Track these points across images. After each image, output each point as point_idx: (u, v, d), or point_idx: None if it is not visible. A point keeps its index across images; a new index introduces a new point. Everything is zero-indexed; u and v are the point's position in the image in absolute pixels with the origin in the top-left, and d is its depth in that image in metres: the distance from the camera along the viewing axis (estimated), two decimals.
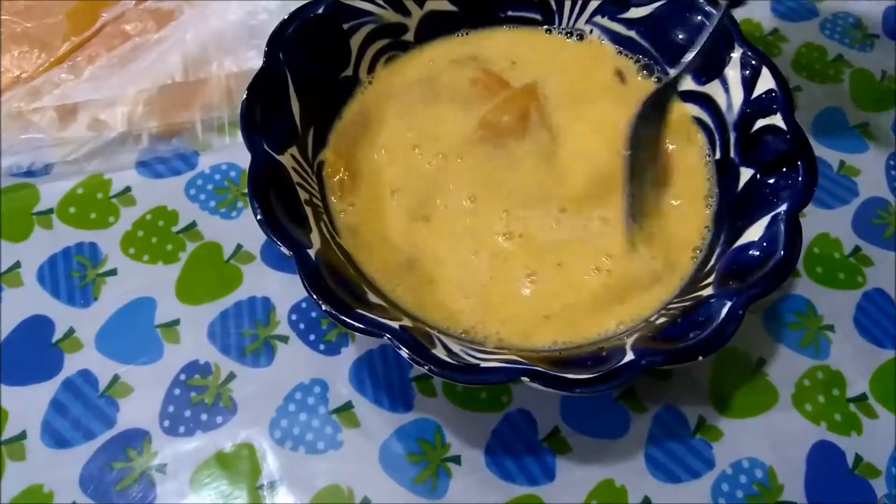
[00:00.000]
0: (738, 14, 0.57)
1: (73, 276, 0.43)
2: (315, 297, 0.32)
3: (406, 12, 0.44)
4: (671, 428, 0.40)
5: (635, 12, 0.44)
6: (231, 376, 0.41)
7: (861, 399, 0.41)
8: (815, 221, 0.47)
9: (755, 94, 0.40)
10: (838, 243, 0.46)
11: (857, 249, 0.46)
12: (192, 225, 0.45)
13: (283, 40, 0.40)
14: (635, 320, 0.37)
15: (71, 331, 0.42)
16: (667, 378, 0.41)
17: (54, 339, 0.41)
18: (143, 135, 0.47)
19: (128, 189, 0.47)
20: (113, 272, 0.44)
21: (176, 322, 0.42)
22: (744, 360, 0.42)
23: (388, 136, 0.43)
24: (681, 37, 0.43)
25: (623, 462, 0.39)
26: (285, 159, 0.38)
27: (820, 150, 0.50)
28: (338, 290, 0.33)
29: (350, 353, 0.42)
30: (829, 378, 0.42)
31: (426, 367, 0.31)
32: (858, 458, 0.39)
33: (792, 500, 0.38)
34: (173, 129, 0.48)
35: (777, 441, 0.40)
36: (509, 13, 0.46)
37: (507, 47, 0.46)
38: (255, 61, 0.49)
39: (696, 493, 0.38)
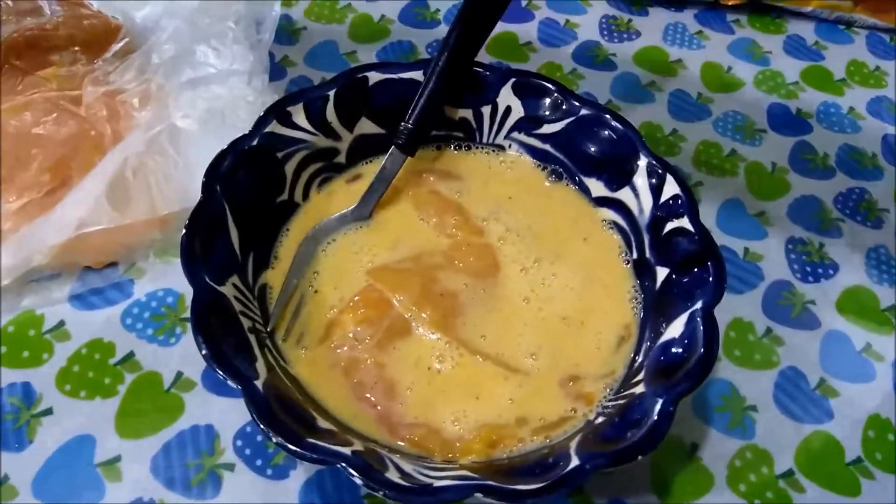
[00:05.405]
0: (640, 116, 0.62)
1: (5, 419, 0.42)
2: (264, 429, 0.33)
3: (337, 137, 0.47)
4: None
5: (548, 128, 0.47)
6: None
7: (789, 475, 0.44)
8: (729, 306, 0.50)
9: (662, 199, 0.43)
10: (751, 326, 0.50)
11: (768, 331, 0.50)
12: (130, 355, 0.45)
13: (220, 173, 0.41)
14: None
15: (5, 478, 0.40)
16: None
17: None
18: (74, 268, 0.47)
19: (62, 323, 0.46)
20: (48, 412, 0.42)
21: (117, 459, 0.41)
22: (678, 445, 0.44)
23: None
24: (592, 149, 0.47)
25: None
26: (227, 289, 0.38)
27: (726, 239, 0.54)
28: (287, 420, 0.34)
29: (299, 475, 0.41)
30: (758, 457, 0.44)
31: (381, 493, 0.32)
32: None
33: None
34: (105, 258, 0.48)
35: None
36: (433, 133, 0.49)
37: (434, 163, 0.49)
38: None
39: None
